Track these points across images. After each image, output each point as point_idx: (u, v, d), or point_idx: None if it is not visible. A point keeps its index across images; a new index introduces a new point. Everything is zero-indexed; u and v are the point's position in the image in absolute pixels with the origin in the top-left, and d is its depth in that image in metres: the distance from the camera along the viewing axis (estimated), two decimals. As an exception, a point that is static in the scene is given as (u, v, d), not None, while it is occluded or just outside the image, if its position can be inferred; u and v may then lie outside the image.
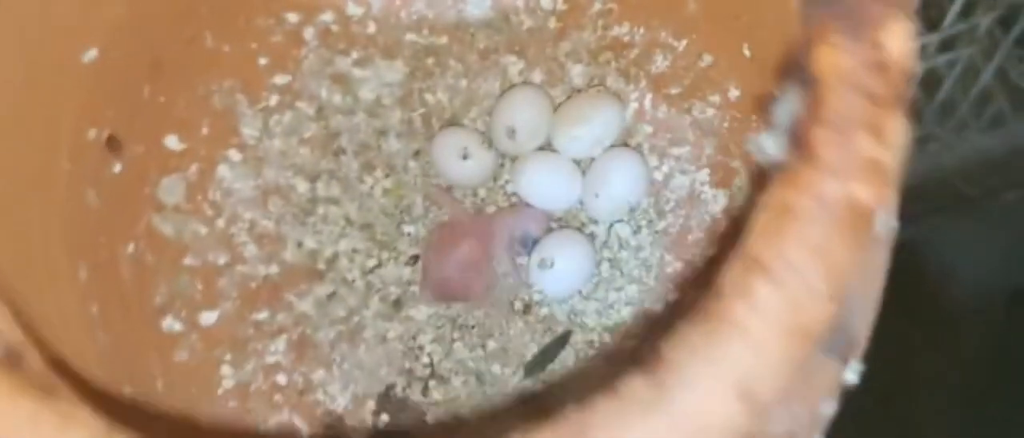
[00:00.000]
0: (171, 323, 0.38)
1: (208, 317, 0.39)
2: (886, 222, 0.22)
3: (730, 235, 0.35)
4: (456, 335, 0.40)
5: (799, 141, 0.16)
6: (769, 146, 0.18)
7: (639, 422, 0.17)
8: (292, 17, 0.40)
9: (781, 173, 0.17)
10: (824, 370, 0.22)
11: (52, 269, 0.31)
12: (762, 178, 0.17)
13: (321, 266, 0.41)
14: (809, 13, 0.17)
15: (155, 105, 0.37)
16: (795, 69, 0.17)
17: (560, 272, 0.38)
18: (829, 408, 0.27)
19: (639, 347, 0.38)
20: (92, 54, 0.33)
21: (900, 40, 0.16)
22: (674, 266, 0.39)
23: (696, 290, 0.35)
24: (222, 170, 0.40)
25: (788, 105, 0.17)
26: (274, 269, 0.40)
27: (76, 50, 0.32)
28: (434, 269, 0.39)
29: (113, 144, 0.35)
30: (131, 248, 0.37)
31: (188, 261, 0.39)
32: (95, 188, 0.34)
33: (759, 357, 0.16)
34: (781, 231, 0.16)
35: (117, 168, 0.36)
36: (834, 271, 0.16)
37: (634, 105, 0.39)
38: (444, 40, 0.41)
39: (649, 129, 0.39)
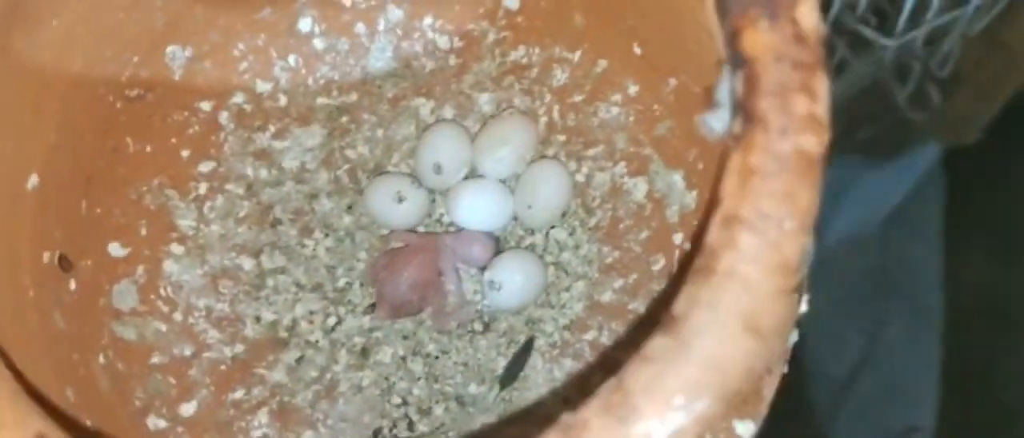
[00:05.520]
0: (155, 421, 0.38)
1: (188, 408, 0.40)
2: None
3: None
4: (426, 367, 0.42)
5: (748, 113, 0.19)
6: (716, 124, 0.21)
7: (670, 374, 0.20)
8: (205, 106, 0.41)
9: (737, 142, 0.20)
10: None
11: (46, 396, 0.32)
12: (722, 152, 0.20)
13: (283, 334, 0.42)
14: (729, 7, 0.20)
15: (93, 218, 0.38)
16: (728, 55, 0.20)
17: (515, 289, 0.40)
18: (793, 339, 0.30)
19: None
20: (34, 180, 0.33)
21: (811, 13, 0.20)
22: (613, 255, 0.42)
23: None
24: (168, 266, 0.41)
25: (727, 86, 0.20)
26: (239, 348, 0.41)
27: (21, 178, 0.33)
28: (389, 290, 0.41)
29: (65, 263, 0.36)
30: (102, 359, 0.37)
31: (156, 360, 0.40)
32: (59, 309, 0.35)
33: (755, 295, 0.19)
34: (750, 188, 0.19)
35: (72, 285, 0.37)
36: (800, 210, 0.19)
37: (544, 119, 0.43)
38: (354, 97, 0.43)
39: (562, 138, 0.42)
